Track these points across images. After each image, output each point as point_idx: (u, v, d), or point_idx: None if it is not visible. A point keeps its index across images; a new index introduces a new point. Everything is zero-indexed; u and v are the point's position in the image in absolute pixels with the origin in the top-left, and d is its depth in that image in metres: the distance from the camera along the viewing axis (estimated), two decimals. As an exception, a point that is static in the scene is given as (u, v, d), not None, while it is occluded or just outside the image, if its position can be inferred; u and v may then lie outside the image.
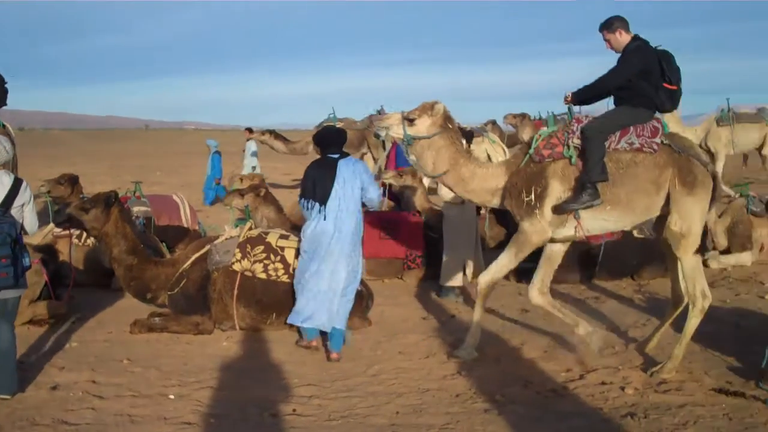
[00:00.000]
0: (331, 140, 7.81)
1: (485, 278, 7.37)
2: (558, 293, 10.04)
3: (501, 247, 9.04)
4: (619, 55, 7.15)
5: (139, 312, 8.43)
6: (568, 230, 7.13)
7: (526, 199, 7.07)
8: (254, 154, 21.35)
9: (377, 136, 8.17)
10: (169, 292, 8.17)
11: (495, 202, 7.45)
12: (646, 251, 10.45)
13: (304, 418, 5.98)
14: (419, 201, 11.61)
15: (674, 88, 7.01)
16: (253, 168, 20.85)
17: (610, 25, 7.16)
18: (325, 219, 7.51)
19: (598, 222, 7.09)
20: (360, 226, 7.73)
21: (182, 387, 6.53)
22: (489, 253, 9.97)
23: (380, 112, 21.06)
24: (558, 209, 7.03)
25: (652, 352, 7.38)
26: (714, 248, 12.04)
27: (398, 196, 12.38)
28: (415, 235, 10.87)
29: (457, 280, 9.79)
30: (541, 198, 7.04)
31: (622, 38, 7.13)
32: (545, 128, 7.25)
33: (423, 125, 7.22)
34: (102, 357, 7.32)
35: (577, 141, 6.98)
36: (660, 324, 7.57)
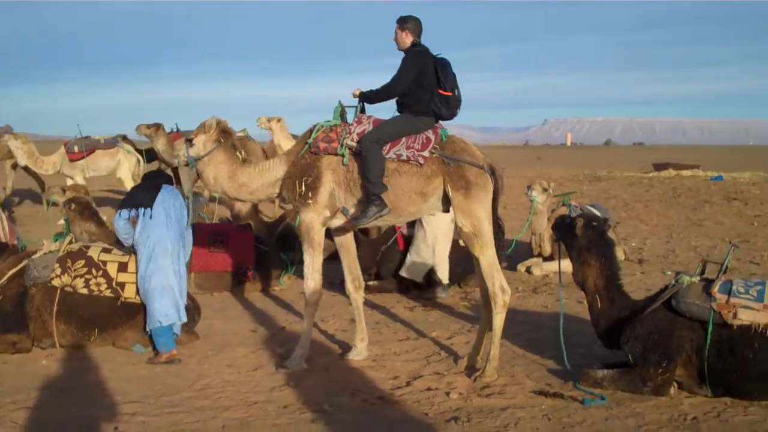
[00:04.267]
0: None
1: (309, 286, 7.42)
2: (390, 301, 10.22)
3: (333, 258, 9.09)
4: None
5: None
6: (338, 221, 7.45)
7: (298, 189, 7.28)
8: None
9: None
10: (-17, 311, 7.78)
11: (278, 193, 7.63)
12: (471, 260, 10.73)
13: (126, 436, 5.81)
14: (249, 213, 11.52)
15: (449, 94, 7.22)
16: None
17: (404, 22, 7.34)
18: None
19: None
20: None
21: (-4, 409, 6.22)
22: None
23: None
24: (348, 224, 7.39)
25: (478, 358, 7.56)
26: (539, 254, 12.46)
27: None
28: (245, 248, 10.76)
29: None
30: (314, 188, 7.25)
31: (407, 39, 7.34)
32: (329, 119, 7.48)
33: (200, 143, 7.60)
34: None
35: (351, 143, 7.18)
36: (480, 328, 7.71)
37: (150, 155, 18.20)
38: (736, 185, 27.10)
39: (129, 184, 16.13)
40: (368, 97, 7.45)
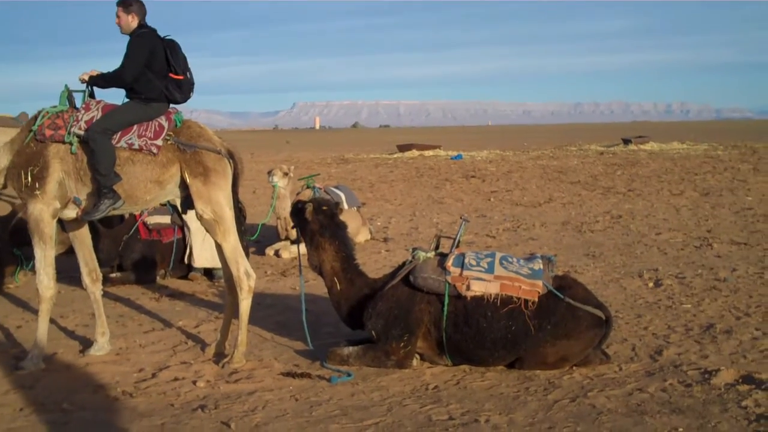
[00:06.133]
0: None
1: (42, 282, 7.07)
2: (134, 293, 9.94)
3: (70, 252, 8.71)
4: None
5: None
6: (71, 212, 7.13)
7: (24, 180, 6.92)
8: None
9: None
10: None
11: (3, 184, 7.22)
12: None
13: None
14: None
15: (180, 77, 7.13)
16: None
17: (128, 4, 7.09)
18: None
19: None
20: None
21: None
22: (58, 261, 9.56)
23: None
24: (81, 217, 7.11)
25: (226, 344, 7.51)
26: (287, 238, 12.54)
27: None
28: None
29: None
30: (41, 179, 6.92)
31: (133, 23, 7.11)
32: (56, 105, 7.14)
33: None
34: None
35: (79, 131, 6.90)
36: (226, 314, 7.66)
37: None
38: (474, 163, 28.57)
39: None
40: (98, 83, 7.14)
